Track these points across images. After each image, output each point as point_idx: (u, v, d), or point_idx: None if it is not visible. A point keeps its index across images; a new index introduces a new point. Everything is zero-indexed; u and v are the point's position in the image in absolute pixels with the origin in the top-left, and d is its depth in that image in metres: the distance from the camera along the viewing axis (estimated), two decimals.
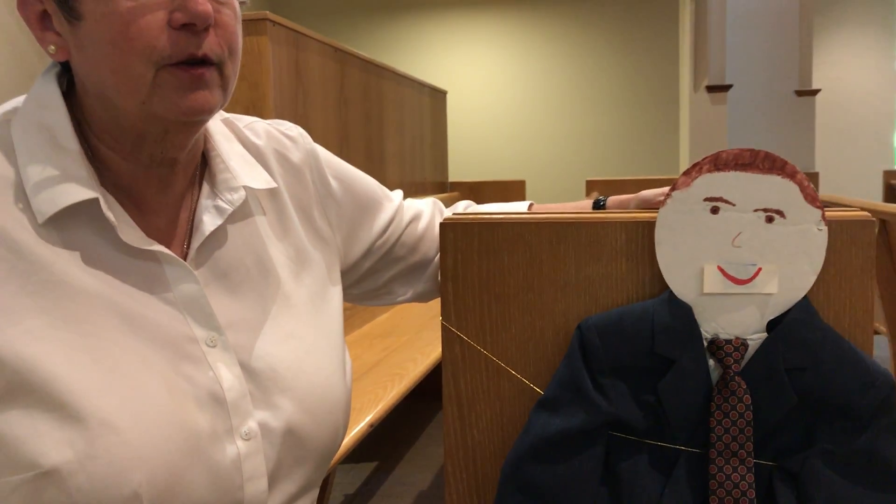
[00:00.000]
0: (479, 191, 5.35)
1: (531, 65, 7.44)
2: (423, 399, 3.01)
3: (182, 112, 0.76)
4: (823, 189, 5.91)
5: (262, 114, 2.34)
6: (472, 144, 7.40)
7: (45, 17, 0.78)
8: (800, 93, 5.57)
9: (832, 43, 7.45)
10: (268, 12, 2.39)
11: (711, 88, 5.04)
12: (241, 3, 0.82)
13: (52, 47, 0.78)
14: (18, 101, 0.81)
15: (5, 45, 4.85)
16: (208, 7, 0.74)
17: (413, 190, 4.38)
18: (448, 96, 5.46)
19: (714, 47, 5.06)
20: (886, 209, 2.54)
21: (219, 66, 0.78)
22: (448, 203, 1.18)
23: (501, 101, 7.49)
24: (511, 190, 5.31)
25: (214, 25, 0.76)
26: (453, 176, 5.56)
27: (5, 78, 4.71)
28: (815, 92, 5.60)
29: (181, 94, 0.75)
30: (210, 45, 0.76)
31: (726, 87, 5.07)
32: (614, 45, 7.28)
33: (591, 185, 4.88)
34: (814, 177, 5.56)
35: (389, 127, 3.91)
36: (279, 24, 2.45)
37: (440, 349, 2.59)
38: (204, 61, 0.76)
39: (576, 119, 7.38)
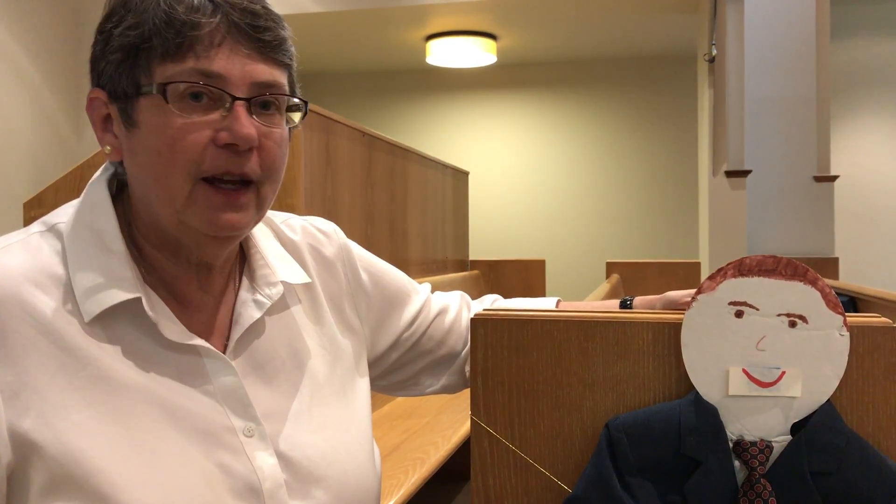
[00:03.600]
0: (499, 269, 5.38)
1: (552, 146, 7.57)
2: (441, 481, 2.98)
3: (212, 228, 0.80)
4: (844, 275, 5.89)
5: (291, 195, 2.40)
6: (492, 224, 7.47)
7: (107, 119, 0.83)
8: (818, 178, 5.61)
9: (850, 129, 7.52)
10: None
11: (730, 173, 5.09)
12: (291, 128, 0.87)
13: (108, 148, 0.83)
14: (74, 203, 0.86)
15: (18, 83, 5.00)
16: (252, 131, 0.79)
17: (434, 268, 4.42)
18: (470, 177, 5.55)
19: (732, 133, 5.13)
20: None
21: (257, 185, 0.82)
22: (469, 281, 1.20)
23: (522, 181, 7.59)
24: (531, 269, 5.33)
25: (258, 148, 0.81)
26: (474, 254, 5.60)
27: (21, 118, 4.85)
28: (834, 178, 5.63)
29: (213, 211, 0.80)
30: (251, 166, 0.80)
31: (745, 173, 5.12)
32: (634, 128, 7.40)
33: (611, 267, 4.90)
34: (833, 262, 5.55)
35: (413, 206, 3.98)
36: (311, 111, 2.53)
37: (461, 433, 2.59)
38: (242, 181, 0.80)
39: (596, 201, 7.45)
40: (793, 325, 0.82)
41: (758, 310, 0.83)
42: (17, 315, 0.75)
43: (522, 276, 5.29)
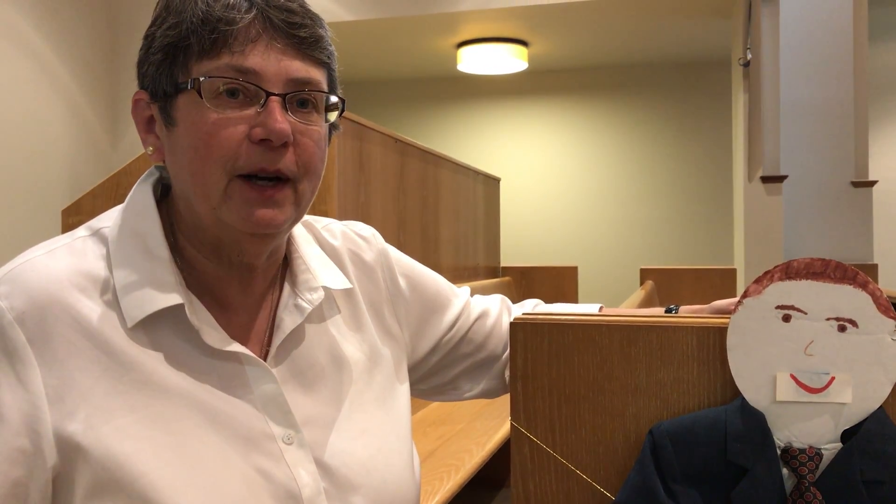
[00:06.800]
0: (531, 276, 5.35)
1: (584, 152, 7.53)
2: (476, 488, 2.96)
3: (247, 224, 0.80)
4: (882, 282, 5.78)
5: (325, 201, 2.41)
6: (524, 230, 7.45)
7: (150, 121, 0.84)
8: (856, 184, 5.51)
9: (889, 133, 7.40)
10: None
11: (766, 179, 5.02)
12: (332, 129, 0.86)
13: (151, 148, 0.84)
14: (120, 208, 0.86)
15: (54, 93, 5.09)
16: (286, 126, 0.78)
17: (466, 274, 4.41)
18: (501, 183, 5.54)
19: (768, 138, 5.06)
20: None
21: (294, 182, 0.82)
22: (501, 288, 1.19)
23: (554, 187, 7.56)
24: (563, 276, 5.30)
25: (294, 144, 0.80)
26: (505, 261, 5.58)
27: (58, 127, 4.92)
28: (873, 183, 5.53)
29: (249, 207, 0.79)
30: (286, 163, 0.80)
31: (781, 178, 5.04)
32: (668, 134, 7.34)
33: (645, 274, 4.86)
34: (872, 268, 5.45)
35: (445, 213, 3.98)
36: (345, 117, 2.54)
37: (495, 439, 2.58)
38: (278, 178, 0.80)
39: (629, 206, 7.40)
40: (842, 329, 0.80)
41: (806, 314, 0.81)
42: (61, 318, 0.75)
43: (555, 282, 5.26)
